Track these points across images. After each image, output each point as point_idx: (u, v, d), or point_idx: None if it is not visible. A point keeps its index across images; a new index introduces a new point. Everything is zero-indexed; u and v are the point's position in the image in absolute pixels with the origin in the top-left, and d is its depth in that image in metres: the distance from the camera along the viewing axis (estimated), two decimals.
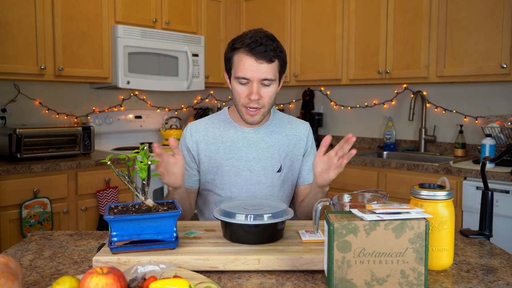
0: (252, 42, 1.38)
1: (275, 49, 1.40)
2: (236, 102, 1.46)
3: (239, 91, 1.43)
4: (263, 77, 1.39)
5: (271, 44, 1.39)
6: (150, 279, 0.81)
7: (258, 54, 1.37)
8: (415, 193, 1.03)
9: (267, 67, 1.39)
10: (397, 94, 3.43)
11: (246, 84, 1.41)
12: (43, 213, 2.56)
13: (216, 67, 3.81)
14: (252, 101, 1.41)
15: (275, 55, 1.40)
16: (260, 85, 1.41)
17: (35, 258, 1.10)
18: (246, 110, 1.44)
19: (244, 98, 1.42)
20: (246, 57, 1.39)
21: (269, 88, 1.42)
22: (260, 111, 1.45)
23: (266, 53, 1.38)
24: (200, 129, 1.55)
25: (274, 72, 1.41)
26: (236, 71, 1.42)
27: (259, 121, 1.48)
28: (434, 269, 1.03)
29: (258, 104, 1.42)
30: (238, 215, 1.08)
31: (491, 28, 2.66)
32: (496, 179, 2.40)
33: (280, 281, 0.97)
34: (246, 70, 1.39)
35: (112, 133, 3.45)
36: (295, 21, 3.58)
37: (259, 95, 1.41)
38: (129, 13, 3.17)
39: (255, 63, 1.38)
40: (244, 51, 1.39)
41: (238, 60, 1.41)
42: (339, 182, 3.04)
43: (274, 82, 1.43)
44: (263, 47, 1.38)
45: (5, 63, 2.62)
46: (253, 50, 1.37)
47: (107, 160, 1.06)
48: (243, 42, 1.40)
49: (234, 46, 1.43)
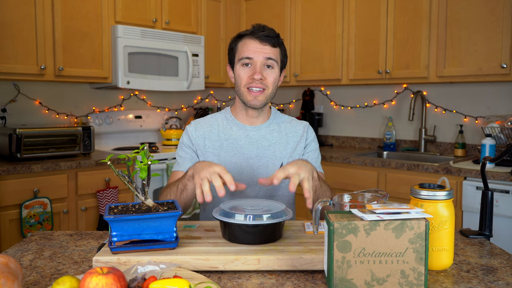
0: (256, 29, 1.47)
1: (278, 37, 1.50)
2: (239, 86, 1.49)
3: (241, 74, 1.47)
4: (267, 56, 1.45)
5: (274, 33, 1.49)
6: (150, 279, 0.81)
7: (262, 37, 1.46)
8: (415, 193, 1.03)
9: (270, 49, 1.47)
10: (397, 94, 3.43)
11: (249, 67, 1.47)
12: (43, 213, 2.56)
13: (216, 67, 3.81)
14: (255, 80, 1.45)
15: (278, 43, 1.49)
16: (263, 67, 1.46)
17: (35, 258, 1.10)
18: (249, 91, 1.47)
19: (247, 78, 1.46)
20: (250, 40, 1.47)
21: (272, 71, 1.48)
22: (263, 93, 1.47)
23: (270, 38, 1.46)
24: (204, 126, 1.58)
25: (276, 56, 1.48)
26: (240, 54, 1.48)
27: (262, 104, 1.49)
28: (434, 269, 1.03)
29: (262, 84, 1.46)
30: (237, 215, 1.08)
31: (491, 28, 2.66)
32: (496, 179, 2.40)
33: (280, 281, 0.97)
34: (249, 51, 1.45)
35: (112, 133, 3.45)
36: (295, 21, 3.58)
37: (262, 75, 1.45)
38: (129, 13, 3.17)
39: (259, 44, 1.46)
40: (248, 37, 1.48)
41: (242, 44, 1.48)
42: (339, 182, 3.04)
43: (276, 67, 1.48)
44: (267, 32, 1.47)
45: (5, 63, 2.62)
46: (256, 34, 1.46)
47: (107, 160, 1.06)
48: (247, 31, 1.49)
49: (238, 35, 1.51)
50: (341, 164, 3.04)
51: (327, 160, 3.08)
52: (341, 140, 3.74)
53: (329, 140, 3.81)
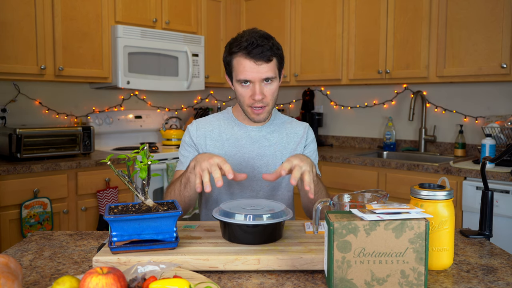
0: (249, 45, 1.41)
1: (271, 47, 1.43)
2: (241, 104, 1.50)
3: (242, 93, 1.47)
4: (264, 77, 1.43)
5: (266, 43, 1.42)
6: (150, 279, 0.81)
7: (256, 56, 1.41)
8: (415, 193, 1.03)
9: (267, 66, 1.43)
10: (397, 94, 3.43)
11: (248, 86, 1.45)
12: (43, 213, 2.56)
13: (216, 67, 3.81)
14: (256, 101, 1.45)
15: (272, 54, 1.44)
16: (262, 85, 1.45)
17: (35, 258, 1.10)
18: (252, 110, 1.48)
19: (248, 99, 1.46)
20: (245, 60, 1.42)
21: (271, 85, 1.46)
22: (265, 109, 1.49)
23: (264, 54, 1.41)
24: (206, 125, 1.58)
25: (273, 70, 1.45)
26: (237, 75, 1.45)
27: (265, 118, 1.52)
28: (434, 269, 1.03)
29: (263, 103, 1.47)
30: (237, 215, 1.08)
31: (491, 28, 2.66)
32: (496, 179, 2.40)
33: (280, 281, 0.97)
34: (246, 72, 1.42)
35: (112, 133, 3.45)
36: (295, 21, 3.58)
37: (262, 94, 1.45)
38: (129, 13, 3.17)
39: (254, 65, 1.42)
40: (242, 55, 1.42)
41: (238, 64, 1.44)
42: (339, 182, 3.04)
43: (275, 79, 1.47)
44: (260, 49, 1.40)
45: (5, 63, 2.62)
46: (250, 53, 1.41)
47: (107, 160, 1.06)
48: (240, 46, 1.42)
49: (231, 50, 1.46)
50: (341, 164, 3.04)
51: (327, 160, 3.08)
52: (341, 140, 3.74)
53: (329, 140, 3.81)
